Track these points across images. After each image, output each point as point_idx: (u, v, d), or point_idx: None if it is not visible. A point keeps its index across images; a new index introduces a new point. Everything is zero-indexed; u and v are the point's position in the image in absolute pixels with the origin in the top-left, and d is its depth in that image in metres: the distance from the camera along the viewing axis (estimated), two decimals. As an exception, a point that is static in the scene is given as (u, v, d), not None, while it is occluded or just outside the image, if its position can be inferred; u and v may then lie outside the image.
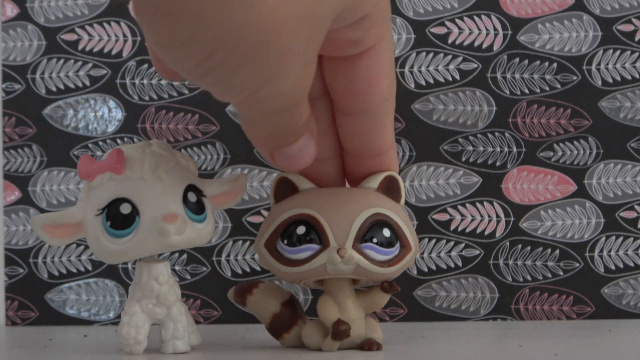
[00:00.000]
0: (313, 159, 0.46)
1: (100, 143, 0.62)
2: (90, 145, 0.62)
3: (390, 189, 0.48)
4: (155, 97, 0.62)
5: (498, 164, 0.61)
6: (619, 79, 0.61)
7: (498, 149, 0.61)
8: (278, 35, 0.38)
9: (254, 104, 0.41)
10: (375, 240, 0.47)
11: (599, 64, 0.61)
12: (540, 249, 0.61)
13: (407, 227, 0.48)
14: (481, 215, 0.61)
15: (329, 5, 0.40)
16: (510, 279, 0.61)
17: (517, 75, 0.61)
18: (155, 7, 0.37)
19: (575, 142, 0.61)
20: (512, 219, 0.61)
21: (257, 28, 0.38)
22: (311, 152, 0.45)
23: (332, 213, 0.47)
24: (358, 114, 0.46)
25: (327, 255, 0.46)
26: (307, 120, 0.44)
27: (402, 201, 0.49)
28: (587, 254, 0.61)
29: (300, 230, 0.47)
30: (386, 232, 0.47)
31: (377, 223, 0.47)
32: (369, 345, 0.48)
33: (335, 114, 0.47)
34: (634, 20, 0.61)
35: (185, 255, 0.62)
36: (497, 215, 0.61)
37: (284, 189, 0.49)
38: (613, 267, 0.61)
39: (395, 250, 0.47)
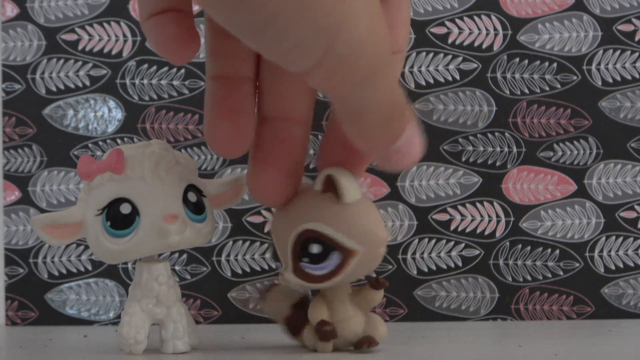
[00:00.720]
0: (422, 150, 0.43)
1: (100, 143, 0.62)
2: (90, 145, 0.62)
3: (333, 188, 0.46)
4: (155, 97, 0.62)
5: (498, 164, 0.61)
6: (619, 79, 0.61)
7: (498, 149, 0.61)
8: None
9: (336, 69, 0.36)
10: (306, 258, 0.46)
11: (599, 64, 0.61)
12: (540, 249, 0.61)
13: (347, 231, 0.46)
14: (481, 215, 0.61)
15: None
16: (510, 279, 0.61)
17: (517, 75, 0.61)
18: None
19: (575, 142, 0.61)
20: (512, 219, 0.61)
21: None
22: (420, 142, 0.42)
23: (278, 235, 0.47)
24: None
25: (282, 278, 0.47)
26: (405, 104, 0.41)
27: (347, 199, 0.46)
28: (587, 254, 0.61)
29: (269, 252, 0.48)
30: (314, 248, 0.46)
31: (306, 240, 0.46)
32: (360, 344, 0.48)
33: None
34: (634, 20, 0.61)
35: (185, 255, 0.62)
36: (497, 215, 0.61)
37: None
38: (613, 267, 0.61)
39: (331, 262, 0.46)
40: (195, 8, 0.45)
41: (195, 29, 0.43)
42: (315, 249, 0.46)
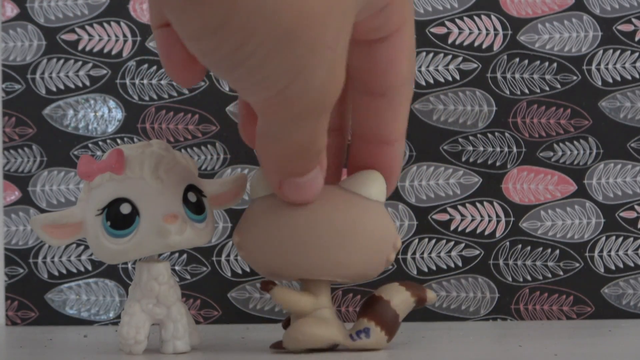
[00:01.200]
0: (318, 193, 0.45)
1: (100, 143, 0.62)
2: (90, 145, 0.62)
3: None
4: (155, 97, 0.62)
5: (498, 164, 0.61)
6: (619, 79, 0.61)
7: (498, 149, 0.61)
8: (309, 24, 0.38)
9: (281, 104, 0.40)
10: None
11: (599, 64, 0.61)
12: (540, 249, 0.61)
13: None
14: (481, 215, 0.61)
15: None
16: (510, 279, 0.61)
17: (517, 75, 0.61)
18: None
19: (575, 142, 0.61)
20: (512, 219, 0.61)
21: (288, 16, 0.37)
22: (318, 186, 0.45)
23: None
24: (375, 95, 0.46)
25: None
26: (323, 151, 0.44)
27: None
28: (587, 254, 0.61)
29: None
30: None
31: None
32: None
33: (352, 93, 0.47)
34: (634, 20, 0.61)
35: (185, 255, 0.62)
36: (497, 215, 0.61)
37: None
38: (613, 267, 0.61)
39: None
40: None
41: None
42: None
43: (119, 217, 0.47)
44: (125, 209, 0.47)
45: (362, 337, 0.47)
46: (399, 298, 0.48)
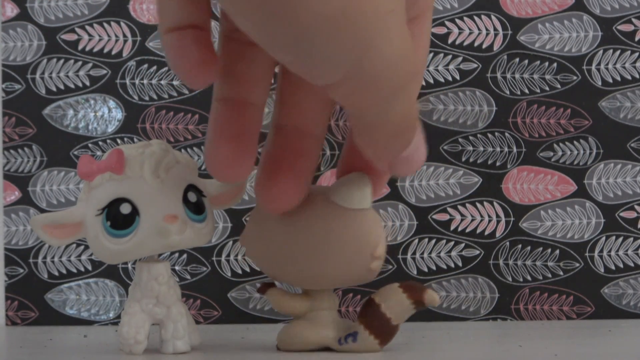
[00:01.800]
0: (424, 158, 0.44)
1: (100, 143, 0.62)
2: (90, 145, 0.62)
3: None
4: (155, 97, 0.62)
5: (498, 164, 0.61)
6: (619, 79, 0.61)
7: (498, 149, 0.61)
8: None
9: (362, 85, 0.37)
10: None
11: (599, 64, 0.61)
12: (540, 249, 0.61)
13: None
14: (481, 215, 0.61)
15: None
16: (510, 279, 0.61)
17: (517, 75, 0.61)
18: None
19: (575, 142, 0.61)
20: (512, 219, 0.61)
21: None
22: (424, 149, 0.43)
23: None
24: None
25: None
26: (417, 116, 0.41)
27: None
28: (587, 254, 0.61)
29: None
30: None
31: None
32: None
33: None
34: (634, 20, 0.61)
35: (185, 255, 0.62)
36: (497, 215, 0.61)
37: None
38: (613, 267, 0.61)
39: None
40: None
41: (214, 51, 0.42)
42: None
43: (119, 217, 0.47)
44: (125, 209, 0.47)
45: (349, 341, 0.47)
46: (393, 301, 0.47)
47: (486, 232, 0.61)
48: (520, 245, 0.61)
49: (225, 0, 0.35)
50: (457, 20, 0.62)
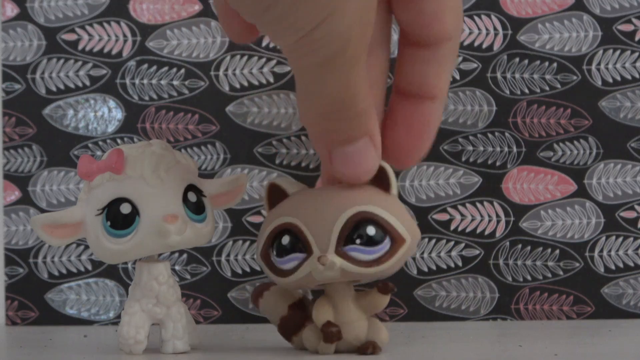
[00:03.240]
0: (374, 170, 0.45)
1: (100, 143, 0.62)
2: (90, 145, 0.62)
3: (379, 179, 0.47)
4: (155, 97, 0.62)
5: (498, 163, 0.61)
6: (619, 79, 0.61)
7: (498, 149, 0.61)
8: None
9: (308, 46, 0.40)
10: (359, 240, 0.45)
11: (599, 64, 0.61)
12: (540, 249, 0.61)
13: (399, 219, 0.46)
14: (481, 215, 0.61)
15: None
16: (510, 278, 0.61)
17: (517, 75, 0.61)
18: None
19: (575, 142, 0.61)
20: (512, 218, 0.61)
21: None
22: (371, 161, 0.45)
23: (313, 219, 0.46)
24: (421, 46, 0.46)
25: (311, 264, 0.45)
26: (368, 120, 0.44)
27: (394, 191, 0.47)
28: (587, 254, 0.61)
29: (285, 240, 0.46)
30: (370, 230, 0.45)
31: (360, 221, 0.45)
32: (364, 349, 0.47)
33: (400, 45, 0.47)
34: (634, 20, 0.61)
35: (185, 255, 0.62)
36: (497, 215, 0.61)
37: (275, 195, 0.48)
38: (613, 267, 0.61)
39: (384, 246, 0.46)
40: None
41: None
42: (371, 230, 0.45)
43: (119, 217, 0.47)
44: (125, 208, 0.47)
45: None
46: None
47: (486, 232, 0.61)
48: (520, 245, 0.61)
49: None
50: (457, 20, 0.61)
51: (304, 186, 0.48)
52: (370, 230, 0.46)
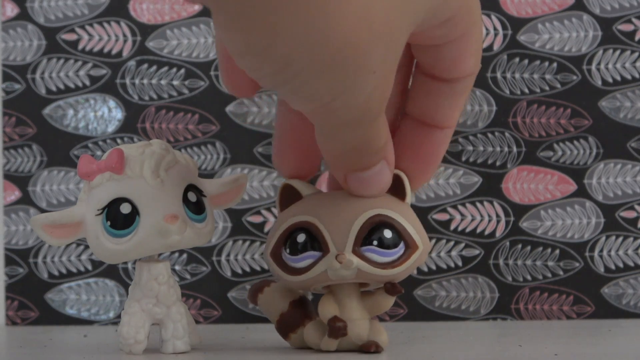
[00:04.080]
0: (388, 187, 0.46)
1: (100, 143, 0.62)
2: (90, 145, 0.62)
3: (395, 188, 0.47)
4: (155, 97, 0.62)
5: (498, 163, 0.61)
6: (619, 78, 0.61)
7: (498, 149, 0.61)
8: (354, 54, 0.38)
9: (328, 114, 0.41)
10: (375, 242, 0.46)
11: (599, 63, 0.61)
12: (540, 248, 0.61)
13: (413, 226, 0.47)
14: (481, 215, 0.61)
15: (408, 19, 0.40)
16: (510, 278, 0.61)
17: (517, 75, 0.61)
18: (231, 17, 0.37)
19: (575, 142, 0.61)
20: (512, 218, 0.61)
21: (334, 45, 0.38)
22: (386, 181, 0.46)
23: (331, 218, 0.46)
24: (439, 80, 0.46)
25: (327, 262, 0.46)
26: (385, 147, 0.44)
27: (408, 199, 0.48)
28: (587, 254, 0.61)
29: (301, 238, 0.47)
30: (387, 233, 0.46)
31: (378, 224, 0.46)
32: (367, 347, 0.47)
33: (415, 72, 0.47)
34: (634, 20, 0.61)
35: (185, 255, 0.62)
36: (497, 215, 0.61)
37: (288, 196, 0.49)
38: (613, 267, 0.61)
39: (398, 250, 0.47)
40: None
41: None
42: (388, 234, 0.46)
43: (119, 217, 0.47)
44: (125, 208, 0.47)
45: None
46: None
47: (486, 232, 0.61)
48: (520, 245, 0.61)
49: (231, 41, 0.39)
50: (457, 20, 0.61)
51: (318, 189, 0.49)
52: (387, 234, 0.46)
